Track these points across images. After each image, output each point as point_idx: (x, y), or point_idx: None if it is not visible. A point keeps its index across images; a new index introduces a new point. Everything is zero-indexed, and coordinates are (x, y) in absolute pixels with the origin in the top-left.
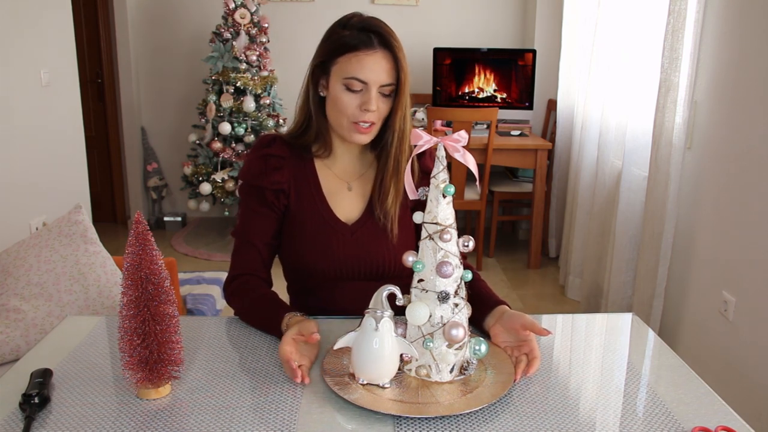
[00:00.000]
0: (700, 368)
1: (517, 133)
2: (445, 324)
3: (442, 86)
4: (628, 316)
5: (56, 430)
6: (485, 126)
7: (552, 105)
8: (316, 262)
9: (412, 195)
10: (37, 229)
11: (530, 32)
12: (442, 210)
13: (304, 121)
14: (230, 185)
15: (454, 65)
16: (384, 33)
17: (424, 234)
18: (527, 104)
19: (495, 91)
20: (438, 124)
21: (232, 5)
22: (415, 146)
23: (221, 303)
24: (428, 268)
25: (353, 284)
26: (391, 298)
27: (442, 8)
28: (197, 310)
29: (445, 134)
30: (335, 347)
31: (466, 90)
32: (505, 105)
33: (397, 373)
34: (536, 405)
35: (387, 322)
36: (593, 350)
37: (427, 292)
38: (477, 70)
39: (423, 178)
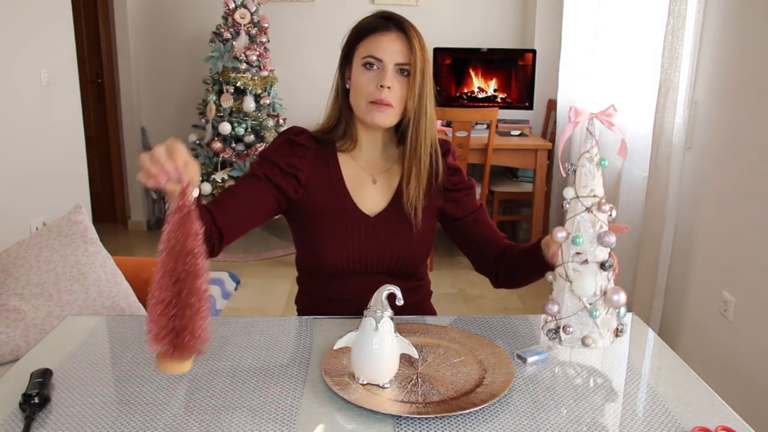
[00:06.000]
0: (700, 368)
1: (517, 133)
2: (605, 292)
3: (442, 86)
4: (628, 316)
5: (56, 430)
6: (485, 126)
7: (552, 105)
8: (334, 252)
9: (563, 172)
10: (37, 229)
11: (530, 32)
12: (597, 182)
13: (336, 115)
14: (230, 185)
15: (454, 65)
16: (400, 18)
17: (578, 208)
18: (527, 104)
19: (495, 91)
20: (438, 124)
21: (232, 5)
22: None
23: (221, 303)
24: (587, 240)
25: (367, 277)
26: (391, 298)
27: (442, 8)
28: None
29: (446, 134)
30: (335, 347)
31: (466, 90)
32: (505, 105)
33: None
34: (536, 405)
35: (387, 322)
36: (593, 350)
37: (587, 263)
38: (477, 70)
39: (451, 174)
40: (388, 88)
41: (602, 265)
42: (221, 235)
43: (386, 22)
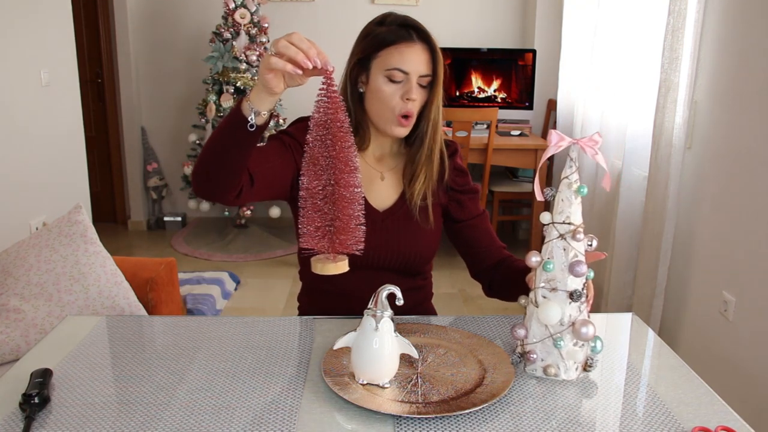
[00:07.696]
0: (700, 368)
1: (517, 133)
2: (574, 323)
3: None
4: (628, 316)
5: (56, 430)
6: (485, 126)
7: (552, 105)
8: None
9: (539, 197)
10: (37, 229)
11: (530, 32)
12: (575, 210)
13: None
14: None
15: (454, 65)
16: (421, 28)
17: (553, 234)
18: (527, 104)
19: (495, 91)
20: None
21: (232, 5)
22: (553, 146)
23: (221, 303)
24: (558, 268)
25: (373, 273)
26: (391, 298)
27: (442, 8)
28: (197, 310)
29: (446, 134)
30: (335, 347)
31: (466, 90)
32: (505, 105)
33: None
34: (536, 405)
35: (387, 322)
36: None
37: (557, 291)
38: (477, 70)
39: (457, 175)
40: (413, 100)
41: (571, 295)
42: (252, 179)
43: (409, 32)
